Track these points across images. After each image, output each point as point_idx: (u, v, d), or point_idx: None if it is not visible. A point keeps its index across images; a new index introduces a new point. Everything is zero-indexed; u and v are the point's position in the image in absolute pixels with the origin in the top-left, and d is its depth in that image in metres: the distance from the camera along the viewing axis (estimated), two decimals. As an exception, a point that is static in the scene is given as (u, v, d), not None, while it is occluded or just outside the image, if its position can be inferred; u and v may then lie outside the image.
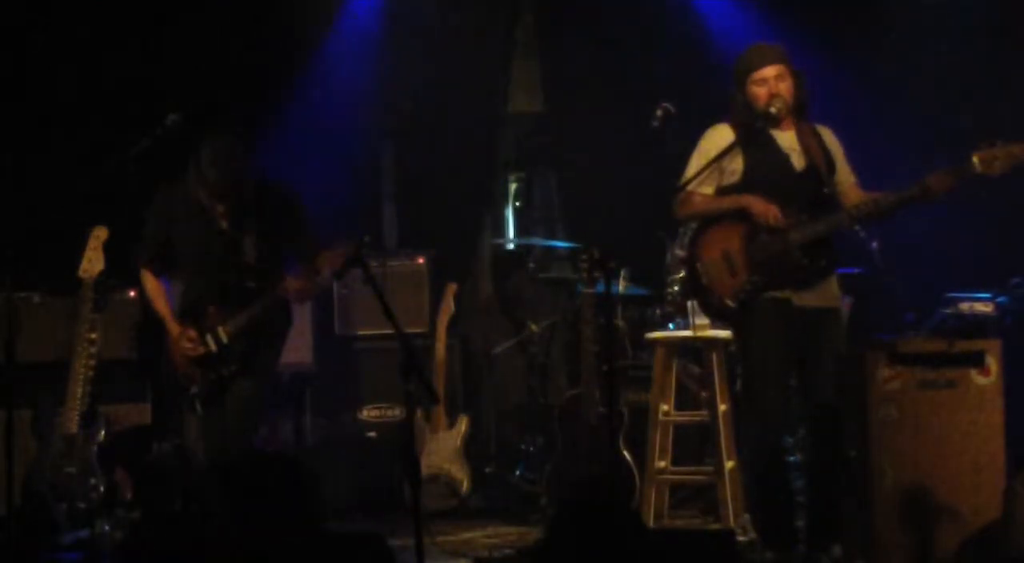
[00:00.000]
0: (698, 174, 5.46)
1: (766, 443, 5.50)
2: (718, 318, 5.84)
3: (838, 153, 5.54)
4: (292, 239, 5.85)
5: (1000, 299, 6.69)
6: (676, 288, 6.69)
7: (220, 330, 5.75)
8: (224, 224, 5.80)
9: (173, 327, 5.83)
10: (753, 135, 5.45)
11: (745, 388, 5.84)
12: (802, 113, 5.51)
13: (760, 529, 5.63)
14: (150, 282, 5.95)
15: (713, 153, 5.47)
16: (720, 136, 5.51)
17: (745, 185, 5.47)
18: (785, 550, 5.44)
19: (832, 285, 5.50)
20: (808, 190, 5.42)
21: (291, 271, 5.82)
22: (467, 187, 8.37)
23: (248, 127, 6.01)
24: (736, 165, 5.49)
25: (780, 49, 5.51)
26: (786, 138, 5.48)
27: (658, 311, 6.98)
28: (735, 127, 5.49)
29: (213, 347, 5.76)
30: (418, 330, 7.31)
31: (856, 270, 6.75)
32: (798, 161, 5.45)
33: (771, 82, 5.42)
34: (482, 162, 8.34)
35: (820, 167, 5.44)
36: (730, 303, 5.45)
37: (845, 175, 5.54)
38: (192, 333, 5.77)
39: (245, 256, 5.79)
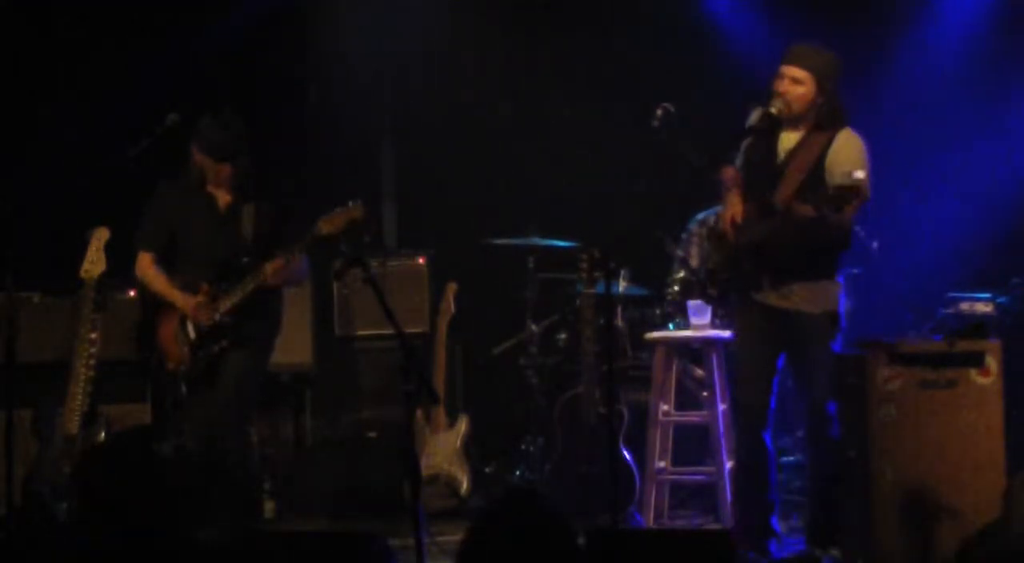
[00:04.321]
0: (733, 143, 5.49)
1: (746, 440, 5.51)
2: (712, 303, 6.07)
3: (836, 162, 5.30)
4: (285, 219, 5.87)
5: (1000, 299, 6.69)
6: (676, 288, 6.69)
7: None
8: (223, 200, 5.83)
9: (181, 299, 5.82)
10: (770, 125, 5.42)
11: (731, 387, 5.91)
12: (823, 124, 5.37)
13: (736, 524, 5.64)
14: (148, 265, 5.94)
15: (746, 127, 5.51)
16: (755, 117, 5.48)
17: (743, 170, 5.50)
18: (759, 548, 5.44)
19: (821, 289, 5.40)
20: (770, 194, 5.35)
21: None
22: (467, 187, 8.36)
23: (248, 127, 6.01)
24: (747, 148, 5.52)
25: (816, 55, 5.38)
26: (790, 140, 5.42)
27: (658, 311, 6.98)
28: (764, 114, 5.45)
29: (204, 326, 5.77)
30: (418, 330, 7.30)
31: (856, 270, 6.75)
32: (781, 165, 5.39)
33: (784, 82, 5.37)
34: (481, 161, 8.33)
35: (792, 175, 5.32)
36: (711, 292, 5.59)
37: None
38: (203, 300, 5.76)
39: (242, 231, 5.81)
